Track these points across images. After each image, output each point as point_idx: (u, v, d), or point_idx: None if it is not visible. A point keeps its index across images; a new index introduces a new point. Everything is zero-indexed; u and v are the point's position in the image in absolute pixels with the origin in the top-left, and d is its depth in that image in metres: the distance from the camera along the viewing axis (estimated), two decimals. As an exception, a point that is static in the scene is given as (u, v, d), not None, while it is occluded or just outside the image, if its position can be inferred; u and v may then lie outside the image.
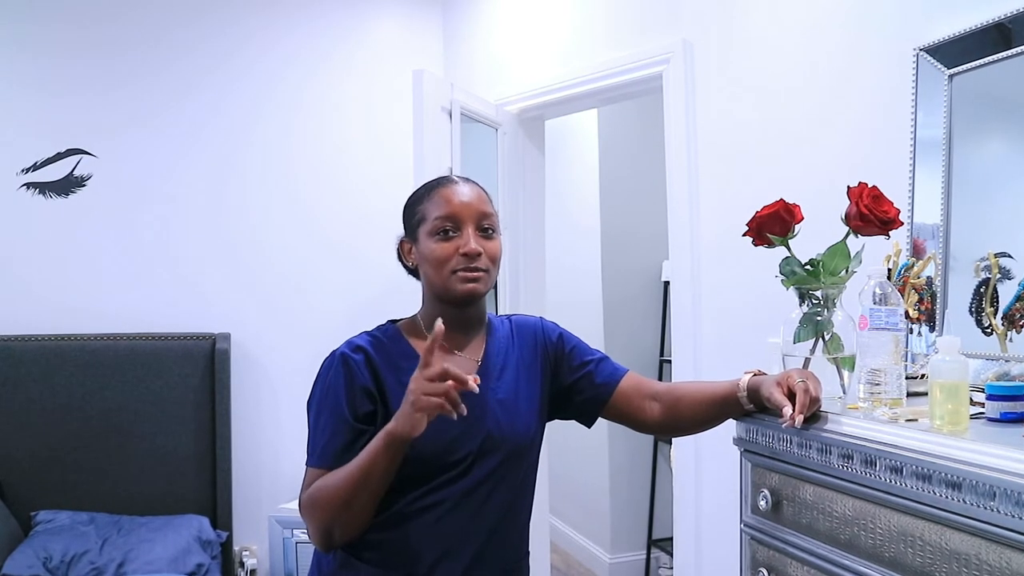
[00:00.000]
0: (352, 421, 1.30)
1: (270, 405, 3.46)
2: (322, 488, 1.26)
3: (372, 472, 1.22)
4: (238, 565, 3.25)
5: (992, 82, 1.58)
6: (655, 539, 3.91)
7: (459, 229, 1.35)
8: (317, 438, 1.31)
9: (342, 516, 1.25)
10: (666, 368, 3.90)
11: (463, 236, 1.34)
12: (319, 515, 1.27)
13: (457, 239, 1.34)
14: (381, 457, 1.21)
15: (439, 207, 1.36)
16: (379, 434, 1.22)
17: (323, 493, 1.26)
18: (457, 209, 1.35)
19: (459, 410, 1.16)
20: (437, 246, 1.35)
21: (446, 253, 1.34)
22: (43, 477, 3.02)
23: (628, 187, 3.94)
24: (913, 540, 1.11)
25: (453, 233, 1.35)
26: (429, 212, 1.37)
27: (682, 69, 2.48)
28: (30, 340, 3.08)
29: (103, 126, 3.27)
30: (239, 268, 3.44)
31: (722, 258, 2.40)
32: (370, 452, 1.22)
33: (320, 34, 3.59)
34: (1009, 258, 1.50)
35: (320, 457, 1.30)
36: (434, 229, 1.35)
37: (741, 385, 1.38)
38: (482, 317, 1.44)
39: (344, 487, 1.24)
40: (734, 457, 1.48)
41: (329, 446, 1.29)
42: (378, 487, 1.24)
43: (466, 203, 1.36)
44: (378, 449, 1.21)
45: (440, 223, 1.35)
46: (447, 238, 1.35)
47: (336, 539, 1.29)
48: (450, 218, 1.35)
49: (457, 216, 1.35)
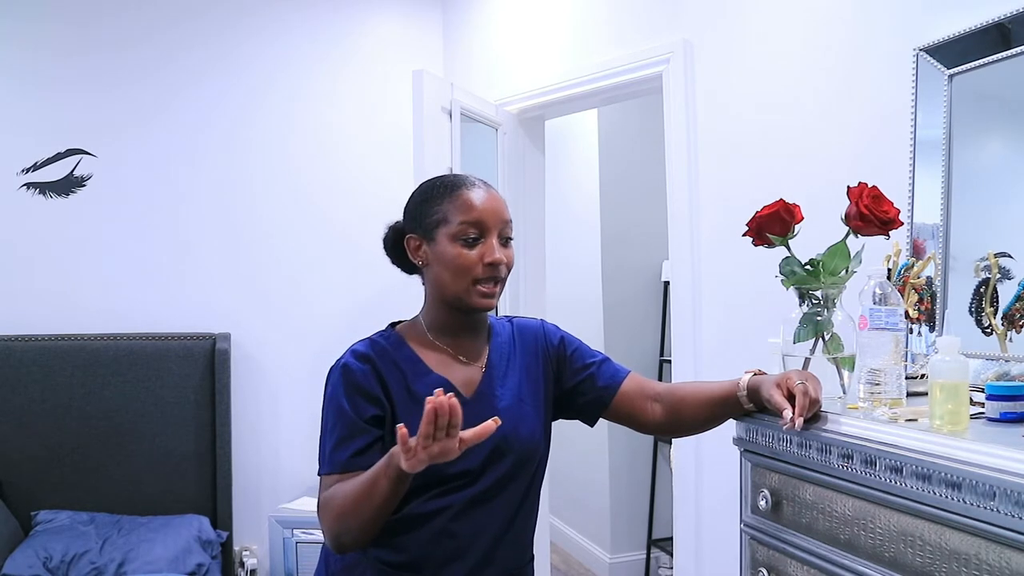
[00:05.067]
0: (361, 423, 1.29)
1: (270, 405, 3.46)
2: (334, 496, 1.26)
3: (375, 493, 1.20)
4: (238, 565, 3.25)
5: (992, 82, 1.58)
6: (655, 539, 3.91)
7: (484, 236, 1.33)
8: (324, 445, 1.31)
9: (349, 526, 1.25)
10: (666, 368, 3.90)
11: (487, 244, 1.32)
12: (329, 521, 1.27)
13: (481, 247, 1.32)
14: (384, 482, 1.19)
15: (464, 211, 1.33)
16: (385, 458, 1.19)
17: (334, 502, 1.26)
18: (485, 216, 1.33)
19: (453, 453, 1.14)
20: (460, 252, 1.32)
21: (470, 261, 1.32)
22: (43, 477, 3.02)
23: (628, 187, 3.94)
24: (913, 540, 1.11)
25: (478, 240, 1.33)
26: (452, 215, 1.33)
27: (682, 69, 2.48)
28: (30, 340, 3.08)
29: (103, 126, 3.27)
30: (239, 268, 3.45)
31: (722, 258, 2.40)
32: (375, 473, 1.21)
33: (320, 33, 3.59)
34: (1009, 258, 1.50)
35: (330, 463, 1.30)
36: (459, 233, 1.32)
37: (741, 385, 1.38)
38: (484, 321, 1.44)
39: (351, 501, 1.23)
40: (734, 457, 1.48)
41: (337, 452, 1.29)
42: (382, 506, 1.22)
43: (492, 209, 1.34)
44: (381, 474, 1.19)
45: (465, 228, 1.32)
46: (471, 245, 1.32)
47: (346, 545, 1.28)
48: (477, 224, 1.32)
49: (484, 223, 1.33)
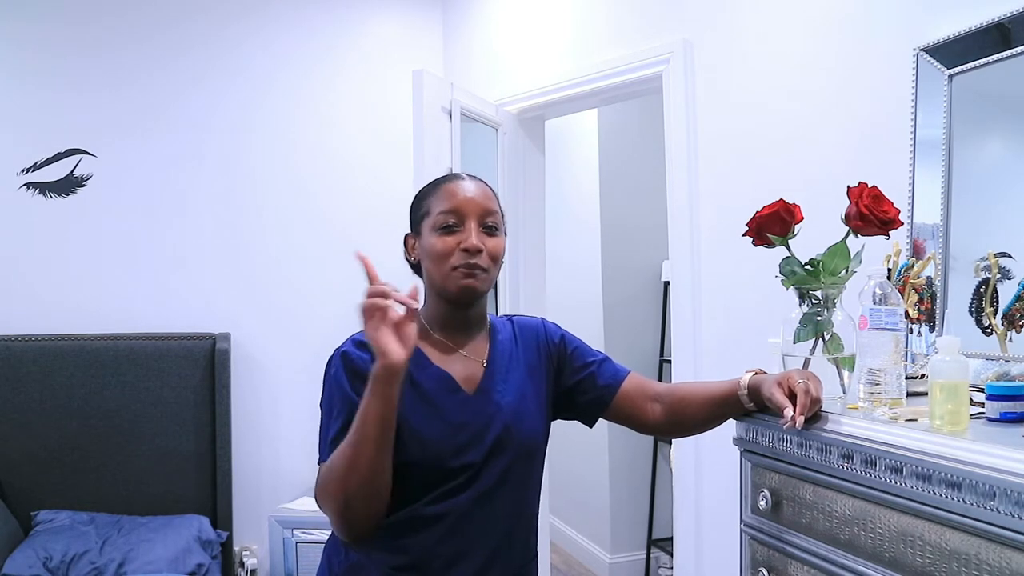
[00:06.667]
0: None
1: (270, 405, 3.46)
2: (328, 469, 1.23)
3: (367, 420, 1.18)
4: (238, 565, 3.25)
5: (992, 82, 1.58)
6: (655, 539, 3.91)
7: (462, 224, 1.34)
8: (324, 433, 1.30)
9: (352, 487, 1.20)
10: (666, 368, 3.90)
11: (465, 231, 1.33)
12: (332, 493, 1.23)
13: (459, 234, 1.33)
14: (373, 400, 1.18)
15: (443, 201, 1.35)
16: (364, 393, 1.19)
17: (331, 475, 1.23)
18: (461, 204, 1.34)
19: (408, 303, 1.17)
20: (438, 240, 1.33)
21: (447, 247, 1.33)
22: (43, 477, 3.02)
23: (628, 187, 3.94)
24: (913, 540, 1.11)
25: (456, 228, 1.34)
26: (433, 206, 1.36)
27: (682, 69, 2.48)
28: (30, 340, 3.08)
29: (103, 126, 3.27)
30: (239, 268, 3.45)
31: (722, 258, 2.40)
32: (362, 402, 1.19)
33: (320, 33, 3.59)
34: (1009, 258, 1.50)
35: (331, 450, 1.26)
36: (437, 223, 1.34)
37: (742, 384, 1.38)
38: (483, 317, 1.44)
39: (346, 450, 1.20)
40: (734, 457, 1.47)
41: (339, 437, 1.26)
42: (379, 438, 1.19)
43: (470, 198, 1.35)
44: (367, 395, 1.18)
45: (443, 217, 1.34)
46: (449, 232, 1.33)
47: (357, 516, 1.24)
48: (454, 212, 1.34)
49: (461, 210, 1.34)
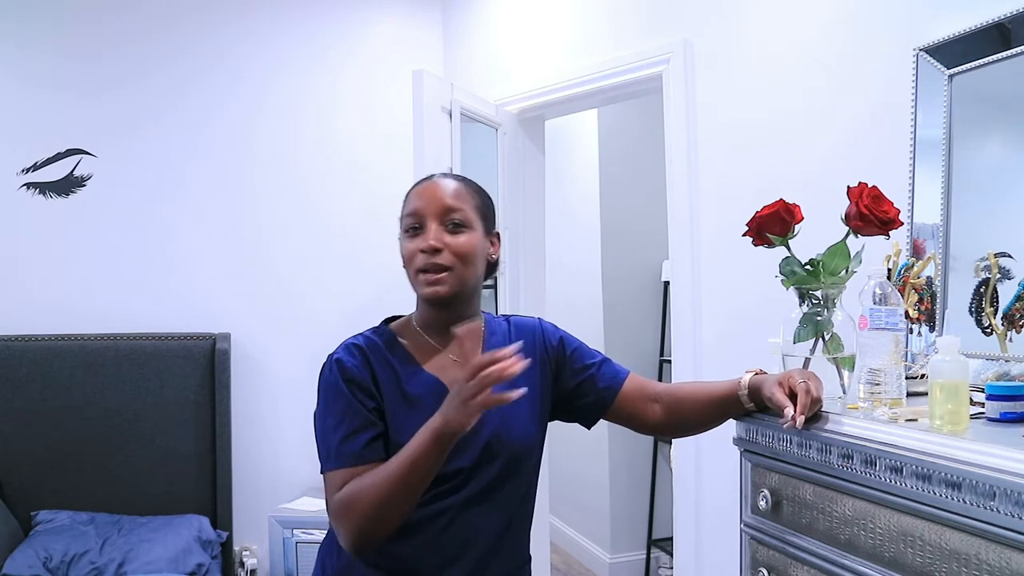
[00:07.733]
0: (368, 414, 1.28)
1: (270, 405, 3.46)
2: (360, 489, 1.23)
3: (417, 468, 1.19)
4: (238, 565, 3.25)
5: (992, 82, 1.58)
6: (655, 539, 3.91)
7: (423, 225, 1.34)
8: (330, 440, 1.28)
9: (384, 514, 1.21)
10: (666, 368, 3.89)
11: (426, 231, 1.33)
12: (357, 516, 1.22)
13: (423, 235, 1.33)
14: (430, 453, 1.18)
15: (407, 204, 1.37)
16: (425, 430, 1.19)
17: (363, 494, 1.22)
18: (421, 205, 1.35)
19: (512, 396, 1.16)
20: (406, 244, 1.36)
21: (410, 251, 1.34)
22: (43, 477, 3.02)
23: (628, 187, 3.94)
24: (913, 540, 1.11)
25: (419, 230, 1.34)
26: (402, 210, 1.38)
27: (682, 69, 2.48)
28: (30, 340, 3.08)
29: (103, 126, 3.27)
30: (239, 268, 3.44)
31: (722, 258, 2.40)
32: (416, 448, 1.19)
33: (320, 33, 3.59)
34: (1009, 258, 1.50)
35: (338, 457, 1.27)
36: (404, 227, 1.36)
37: (742, 384, 1.38)
38: (474, 316, 1.42)
39: (387, 485, 1.20)
40: (734, 457, 1.47)
41: (346, 444, 1.26)
42: (422, 483, 1.21)
43: (430, 197, 1.35)
44: (426, 445, 1.18)
45: (407, 220, 1.36)
46: (414, 235, 1.34)
47: (373, 539, 1.24)
48: (414, 214, 1.35)
49: (420, 212, 1.34)
